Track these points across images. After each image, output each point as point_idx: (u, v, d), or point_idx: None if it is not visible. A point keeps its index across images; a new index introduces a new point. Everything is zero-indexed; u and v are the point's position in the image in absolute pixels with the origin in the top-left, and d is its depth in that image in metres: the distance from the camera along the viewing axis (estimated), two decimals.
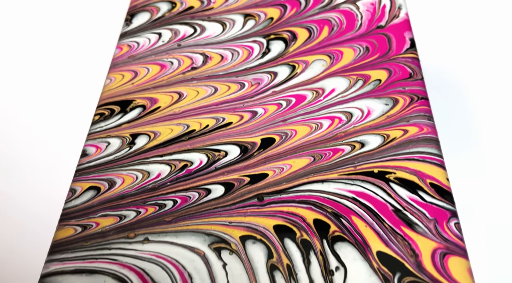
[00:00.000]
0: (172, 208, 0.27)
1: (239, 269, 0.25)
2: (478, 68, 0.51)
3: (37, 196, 0.43)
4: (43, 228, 0.35)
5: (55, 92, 0.48)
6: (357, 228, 0.25)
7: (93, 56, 0.51)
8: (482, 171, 0.44)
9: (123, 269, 0.25)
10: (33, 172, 0.44)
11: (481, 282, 0.38)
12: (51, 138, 0.45)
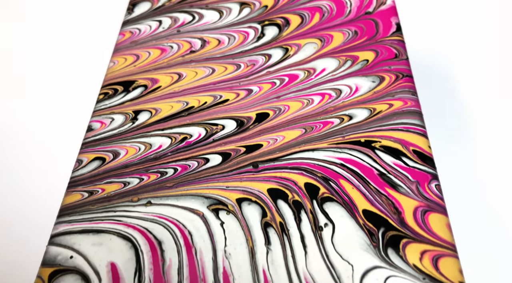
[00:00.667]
0: (172, 175, 0.30)
1: (235, 227, 0.27)
2: (461, 52, 0.54)
3: (46, 167, 0.46)
4: (52, 195, 0.38)
5: (63, 75, 0.52)
6: (345, 190, 0.28)
7: (97, 42, 0.54)
8: (470, 162, 0.46)
9: (127, 228, 0.27)
10: (43, 145, 0.47)
11: (466, 261, 0.41)
12: (59, 115, 0.48)
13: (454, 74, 0.53)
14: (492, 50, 0.54)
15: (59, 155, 0.46)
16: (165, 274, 0.25)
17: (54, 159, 0.46)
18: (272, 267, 0.25)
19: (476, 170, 0.45)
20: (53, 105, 0.50)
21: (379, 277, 0.24)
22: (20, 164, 0.45)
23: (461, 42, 0.55)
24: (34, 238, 0.39)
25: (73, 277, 0.26)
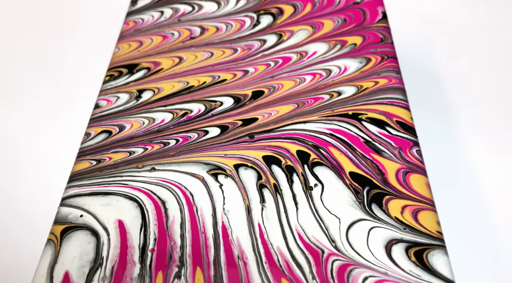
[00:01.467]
0: (174, 145, 0.33)
1: (233, 188, 0.30)
2: (444, 39, 0.58)
3: (56, 140, 0.49)
4: (62, 165, 0.41)
5: (72, 60, 0.55)
6: (333, 155, 0.31)
7: (103, 31, 0.57)
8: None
9: (133, 191, 0.30)
10: (53, 123, 0.50)
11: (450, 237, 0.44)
12: (68, 95, 0.51)
13: (439, 66, 0.56)
14: (475, 42, 0.58)
15: (69, 129, 0.49)
16: (168, 228, 0.28)
17: (64, 133, 0.49)
18: (267, 221, 0.28)
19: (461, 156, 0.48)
20: (65, 83, 0.53)
21: (363, 228, 0.27)
22: (36, 138, 0.49)
23: (445, 36, 0.59)
24: (46, 203, 0.42)
25: (84, 232, 0.28)
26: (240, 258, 0.26)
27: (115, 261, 0.27)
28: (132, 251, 0.27)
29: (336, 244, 0.26)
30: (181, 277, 0.26)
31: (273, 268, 0.26)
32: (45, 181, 0.47)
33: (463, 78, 0.55)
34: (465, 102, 0.52)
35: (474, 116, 0.51)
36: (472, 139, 0.49)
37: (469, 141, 0.49)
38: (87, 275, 0.26)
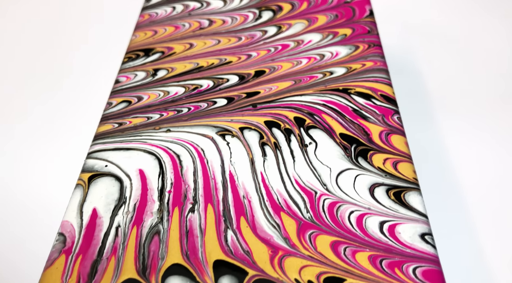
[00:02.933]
0: (187, 112, 0.38)
1: (238, 146, 0.36)
2: (426, 35, 0.65)
3: (82, 109, 0.54)
4: (86, 127, 0.46)
5: (97, 44, 0.62)
6: (326, 121, 0.37)
7: (121, 22, 0.64)
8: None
9: (152, 147, 0.36)
10: (80, 92, 0.56)
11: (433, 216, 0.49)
12: (92, 72, 0.57)
13: (422, 65, 0.63)
14: (454, 41, 0.65)
15: (93, 99, 0.55)
16: (183, 175, 0.34)
17: (89, 102, 0.55)
18: (268, 170, 0.33)
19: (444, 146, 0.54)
20: (90, 63, 0.60)
21: (350, 175, 0.33)
22: (63, 103, 0.55)
23: (428, 37, 0.66)
24: (73, 158, 0.47)
25: (108, 178, 0.34)
26: (245, 197, 0.32)
27: (137, 200, 0.32)
28: (151, 192, 0.32)
29: (327, 187, 0.32)
30: (194, 211, 0.31)
31: (273, 205, 0.31)
32: (71, 144, 0.52)
33: (439, 73, 0.61)
34: (441, 95, 0.59)
35: (449, 105, 0.57)
36: (446, 124, 0.55)
37: (444, 126, 0.55)
38: (112, 210, 0.32)
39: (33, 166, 0.53)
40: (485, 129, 0.54)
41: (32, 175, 0.52)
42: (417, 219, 0.29)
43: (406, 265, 0.27)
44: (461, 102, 0.58)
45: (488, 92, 0.58)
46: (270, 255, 0.28)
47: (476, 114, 0.56)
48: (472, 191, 0.49)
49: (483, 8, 0.70)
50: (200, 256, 0.28)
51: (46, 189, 0.51)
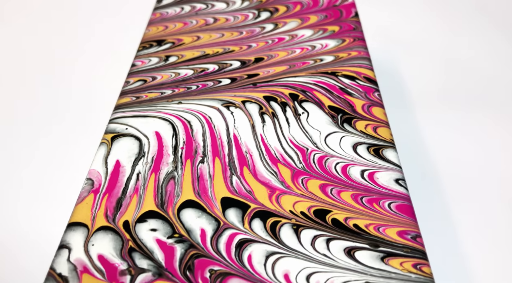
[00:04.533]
0: (195, 89, 0.45)
1: (241, 114, 0.42)
2: (406, 44, 0.72)
3: (103, 85, 0.60)
4: (107, 102, 0.52)
5: (116, 36, 0.70)
6: (316, 96, 0.44)
7: (135, 20, 0.71)
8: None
9: (165, 115, 0.42)
10: (101, 71, 0.63)
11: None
12: (112, 58, 0.64)
13: (401, 68, 0.71)
14: (433, 44, 0.73)
15: (112, 80, 0.61)
16: (193, 136, 0.40)
17: (109, 81, 0.61)
18: (266, 133, 0.40)
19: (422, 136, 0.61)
20: (109, 51, 0.67)
21: (337, 136, 0.39)
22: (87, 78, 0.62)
23: (408, 45, 0.74)
24: (96, 124, 0.53)
25: (129, 138, 0.40)
26: (247, 152, 0.38)
27: (154, 154, 0.38)
28: (167, 148, 0.39)
29: (317, 145, 0.38)
30: (204, 162, 0.37)
31: (271, 158, 0.37)
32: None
33: (417, 76, 0.69)
34: (419, 93, 0.66)
35: (426, 102, 0.65)
36: (423, 116, 0.62)
37: (421, 118, 0.62)
38: (133, 161, 0.38)
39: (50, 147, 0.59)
40: (457, 120, 0.61)
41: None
42: (393, 168, 0.36)
43: (383, 201, 0.34)
44: (437, 99, 0.65)
45: (459, 91, 0.66)
46: (269, 193, 0.34)
47: (449, 108, 0.63)
48: (446, 171, 0.55)
49: (457, 20, 0.79)
50: (210, 194, 0.34)
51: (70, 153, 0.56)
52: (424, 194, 0.56)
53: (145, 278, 0.29)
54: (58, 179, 0.55)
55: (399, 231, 0.31)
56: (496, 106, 0.64)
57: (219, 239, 0.31)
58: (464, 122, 0.61)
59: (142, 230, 0.32)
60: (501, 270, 0.48)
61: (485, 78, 0.68)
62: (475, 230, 0.51)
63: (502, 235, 0.50)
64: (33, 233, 0.50)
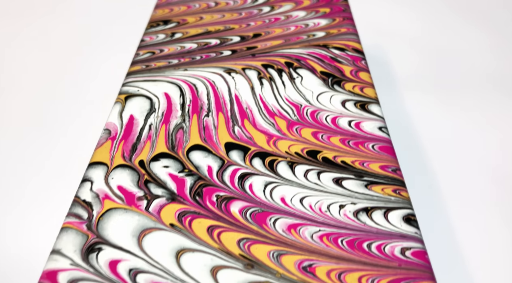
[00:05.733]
0: (200, 59, 0.51)
1: (241, 79, 0.48)
2: (394, 35, 0.79)
3: (115, 57, 0.66)
4: (118, 70, 0.58)
5: (127, 17, 0.75)
6: (309, 63, 0.49)
7: (143, 5, 0.77)
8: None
9: (173, 79, 0.48)
10: (113, 48, 0.68)
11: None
12: (124, 34, 0.69)
13: (390, 57, 0.76)
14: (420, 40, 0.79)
15: (124, 52, 0.67)
16: (199, 96, 0.45)
17: (121, 53, 0.67)
18: (264, 93, 0.45)
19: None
20: (122, 28, 0.72)
21: (327, 95, 0.45)
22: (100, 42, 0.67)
23: (395, 36, 0.80)
24: (106, 94, 0.58)
25: (141, 98, 0.45)
26: (247, 108, 0.43)
27: (164, 110, 0.44)
28: (175, 106, 0.44)
29: (310, 102, 0.44)
30: (209, 116, 0.43)
31: (269, 112, 0.43)
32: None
33: (404, 63, 0.75)
34: (406, 77, 0.72)
35: (412, 85, 0.70)
36: (409, 97, 0.68)
37: (407, 99, 0.67)
38: (145, 115, 0.43)
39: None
40: (441, 102, 0.67)
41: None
42: (376, 119, 0.41)
43: (367, 143, 0.39)
44: (422, 83, 0.71)
45: (444, 76, 0.72)
46: (267, 139, 0.40)
47: (434, 91, 0.69)
48: (431, 146, 0.61)
49: (445, 12, 0.85)
50: (215, 140, 0.40)
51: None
52: (411, 167, 0.61)
53: (160, 202, 0.34)
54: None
55: (381, 166, 0.36)
56: (475, 89, 0.70)
57: (224, 173, 0.36)
58: (449, 103, 0.67)
59: (155, 167, 0.37)
60: (484, 239, 0.52)
61: (466, 65, 0.74)
62: (460, 201, 0.56)
63: (486, 207, 0.55)
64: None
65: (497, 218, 0.53)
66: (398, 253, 0.30)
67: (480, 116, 0.65)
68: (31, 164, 0.57)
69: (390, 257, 0.30)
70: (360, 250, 0.30)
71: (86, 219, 0.32)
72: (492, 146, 0.61)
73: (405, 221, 0.32)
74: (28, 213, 0.53)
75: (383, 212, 0.33)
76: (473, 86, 0.70)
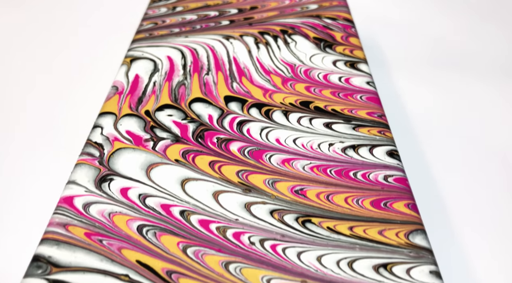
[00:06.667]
0: (200, 28, 0.55)
1: (239, 44, 0.51)
2: (384, 22, 0.83)
3: (125, 24, 0.70)
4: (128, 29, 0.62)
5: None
6: (303, 30, 0.53)
7: None
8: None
9: (174, 45, 0.52)
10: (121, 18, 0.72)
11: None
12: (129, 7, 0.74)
13: (381, 40, 0.81)
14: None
15: (129, 24, 0.71)
16: (199, 58, 0.49)
17: (128, 21, 0.71)
18: (261, 55, 0.49)
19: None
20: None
21: (319, 57, 0.49)
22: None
23: (385, 24, 0.85)
24: (113, 56, 0.62)
25: (145, 60, 0.49)
26: (245, 68, 0.47)
27: (167, 69, 0.47)
28: (177, 66, 0.48)
29: (303, 62, 0.48)
30: (209, 74, 0.47)
31: (265, 71, 0.47)
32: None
33: (393, 46, 0.79)
34: (395, 58, 0.76)
35: (401, 65, 0.75)
36: (397, 76, 0.72)
37: (395, 77, 0.72)
38: (150, 74, 0.47)
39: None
40: (426, 79, 0.71)
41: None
42: (364, 75, 0.45)
43: (355, 94, 0.43)
44: (410, 63, 0.75)
45: (430, 57, 0.76)
46: (263, 93, 0.44)
47: (420, 70, 0.74)
48: (417, 119, 0.65)
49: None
50: (215, 94, 0.44)
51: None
52: (401, 143, 0.65)
53: (165, 143, 0.38)
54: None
55: (368, 112, 0.40)
56: (462, 68, 0.74)
57: (224, 120, 0.40)
58: (438, 82, 0.71)
59: (160, 115, 0.41)
60: (474, 207, 0.56)
61: (452, 47, 0.79)
62: (452, 173, 0.59)
63: (477, 179, 0.59)
64: None
65: (484, 187, 0.57)
66: (382, 179, 0.34)
67: (465, 93, 0.69)
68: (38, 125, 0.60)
69: (374, 182, 0.34)
70: (346, 177, 0.34)
71: (98, 156, 0.36)
72: (475, 120, 0.65)
73: (388, 155, 0.36)
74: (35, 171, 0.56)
75: (368, 148, 0.37)
76: (459, 66, 0.74)
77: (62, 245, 0.29)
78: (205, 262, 0.28)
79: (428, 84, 0.70)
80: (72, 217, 0.31)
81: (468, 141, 0.60)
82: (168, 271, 0.28)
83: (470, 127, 0.62)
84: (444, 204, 0.53)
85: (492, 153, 0.58)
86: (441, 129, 0.62)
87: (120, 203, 0.32)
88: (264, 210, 0.32)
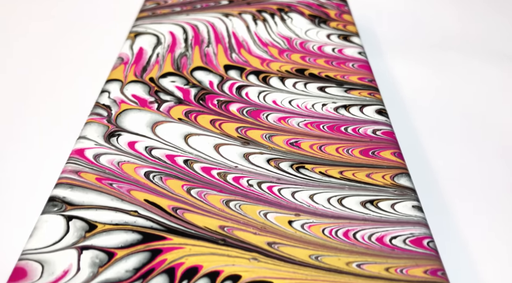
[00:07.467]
0: (201, 7, 0.58)
1: (238, 21, 0.55)
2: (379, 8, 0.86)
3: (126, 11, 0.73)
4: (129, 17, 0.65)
5: None
6: (299, 9, 0.57)
7: None
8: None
9: (176, 22, 0.55)
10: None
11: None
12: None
13: (375, 27, 0.84)
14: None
15: (132, 7, 0.74)
16: (200, 33, 0.52)
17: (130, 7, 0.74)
18: (259, 30, 0.53)
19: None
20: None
21: (314, 31, 0.52)
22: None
23: (380, 10, 0.88)
24: (117, 35, 0.65)
25: (148, 35, 0.52)
26: (243, 40, 0.51)
27: (169, 43, 0.51)
28: (179, 40, 0.51)
29: (299, 36, 0.51)
30: (209, 47, 0.50)
31: (263, 43, 0.50)
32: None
33: (388, 31, 0.83)
34: (389, 41, 0.79)
35: (396, 49, 0.78)
36: (393, 61, 0.75)
37: (390, 61, 0.75)
38: (153, 47, 0.50)
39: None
40: (420, 63, 0.75)
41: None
42: (356, 47, 0.49)
43: (348, 63, 0.46)
44: (405, 47, 0.79)
45: (425, 41, 0.80)
46: (261, 62, 0.47)
47: (414, 54, 0.77)
48: (413, 102, 0.68)
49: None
50: (215, 63, 0.47)
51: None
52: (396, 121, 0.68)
53: (169, 104, 0.41)
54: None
55: (359, 77, 0.44)
56: (454, 50, 0.78)
57: (224, 85, 0.43)
58: (425, 61, 0.75)
59: (164, 82, 0.44)
60: (468, 185, 0.59)
61: (447, 31, 0.82)
62: (446, 155, 0.62)
63: (459, 145, 0.62)
64: None
65: (476, 161, 0.60)
66: (370, 132, 0.37)
67: (458, 72, 0.72)
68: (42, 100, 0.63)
69: (363, 135, 0.37)
70: (338, 131, 0.37)
71: (106, 116, 0.39)
72: (468, 97, 0.68)
73: (377, 113, 0.39)
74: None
75: (359, 107, 0.40)
76: (452, 48, 0.78)
77: (75, 188, 0.32)
78: (208, 200, 0.31)
79: (422, 65, 0.73)
80: (84, 166, 0.34)
81: (464, 119, 0.63)
82: (174, 208, 0.31)
83: (466, 105, 0.66)
84: (437, 182, 0.56)
85: (488, 130, 0.61)
86: (435, 107, 0.65)
87: (128, 154, 0.35)
88: (261, 159, 0.35)
